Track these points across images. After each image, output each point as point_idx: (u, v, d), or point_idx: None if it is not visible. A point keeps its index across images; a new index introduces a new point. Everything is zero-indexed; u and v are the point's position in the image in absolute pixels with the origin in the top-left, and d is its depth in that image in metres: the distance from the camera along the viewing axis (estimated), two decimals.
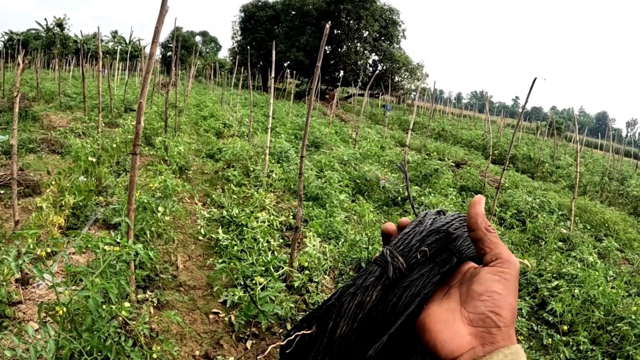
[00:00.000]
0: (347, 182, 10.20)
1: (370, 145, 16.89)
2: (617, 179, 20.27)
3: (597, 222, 11.89)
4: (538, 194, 12.82)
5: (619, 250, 9.87)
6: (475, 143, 25.66)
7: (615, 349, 5.49)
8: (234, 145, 11.96)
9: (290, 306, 5.18)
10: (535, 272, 7.26)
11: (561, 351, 5.16)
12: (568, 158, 24.98)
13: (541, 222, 9.79)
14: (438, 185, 11.72)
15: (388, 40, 50.53)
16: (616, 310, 5.99)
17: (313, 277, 5.76)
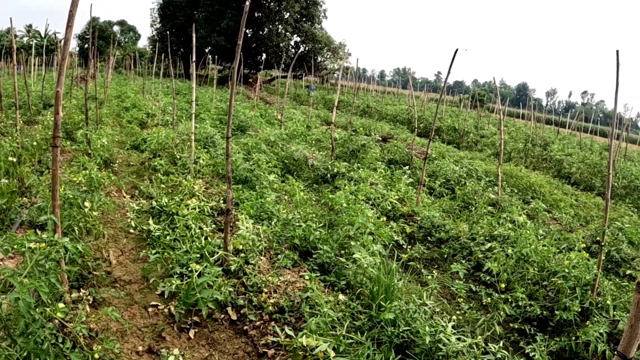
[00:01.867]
0: (275, 163, 10.17)
1: (296, 126, 16.89)
2: (540, 144, 21.03)
3: (523, 186, 12.35)
4: (465, 163, 13.18)
5: (546, 211, 10.26)
6: (400, 118, 26.11)
7: (552, 302, 5.71)
8: (159, 134, 11.74)
9: (229, 290, 5.13)
10: (469, 237, 7.46)
11: (501, 308, 5.32)
12: (491, 127, 25.76)
13: (470, 189, 10.06)
14: (366, 160, 11.84)
15: (309, 21, 50.59)
16: (549, 266, 6.23)
17: (249, 259, 5.72)
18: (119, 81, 34.64)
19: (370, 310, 4.79)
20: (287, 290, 5.25)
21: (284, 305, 4.95)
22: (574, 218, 10.35)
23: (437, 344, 4.23)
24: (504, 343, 5.05)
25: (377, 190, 8.99)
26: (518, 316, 5.52)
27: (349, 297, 5.14)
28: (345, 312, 4.77)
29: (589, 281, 5.84)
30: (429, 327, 4.32)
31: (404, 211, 8.53)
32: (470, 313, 5.36)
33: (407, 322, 4.47)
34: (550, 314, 5.57)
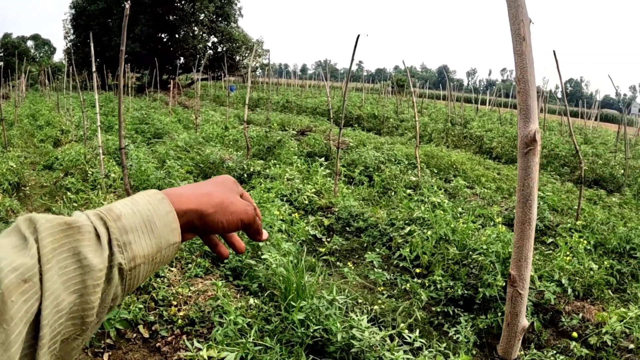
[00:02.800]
0: (189, 169, 9.82)
1: (212, 128, 16.52)
2: (460, 123, 21.30)
3: (445, 165, 12.37)
4: (385, 149, 13.10)
5: (468, 188, 10.27)
6: (320, 110, 26.05)
7: (475, 279, 5.59)
8: (70, 151, 11.20)
9: (139, 307, 4.78)
10: (387, 223, 7.30)
11: (419, 294, 5.16)
12: (411, 111, 25.89)
13: (388, 174, 9.94)
14: (283, 155, 11.60)
15: (225, 20, 50.13)
16: (470, 243, 6.13)
17: (159, 272, 5.37)
18: (34, 99, 33.34)
19: (282, 312, 4.54)
20: (197, 301, 4.96)
21: (194, 316, 4.67)
22: (497, 192, 10.39)
23: (351, 340, 4.01)
24: (427, 328, 4.91)
25: (292, 185, 8.75)
26: (440, 298, 5.38)
27: (261, 300, 4.89)
28: (256, 317, 4.52)
29: (510, 254, 5.75)
30: (340, 324, 4.10)
31: (321, 203, 8.32)
32: (390, 302, 5.18)
33: (319, 321, 4.23)
34: (474, 292, 5.46)
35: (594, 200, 10.85)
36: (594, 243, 7.03)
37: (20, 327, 0.53)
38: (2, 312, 0.52)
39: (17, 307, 0.53)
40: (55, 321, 0.57)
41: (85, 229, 0.64)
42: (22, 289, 0.54)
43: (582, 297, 5.77)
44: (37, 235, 0.60)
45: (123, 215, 0.69)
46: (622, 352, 4.75)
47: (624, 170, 13.57)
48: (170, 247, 0.74)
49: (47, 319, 0.56)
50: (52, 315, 0.56)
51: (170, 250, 0.75)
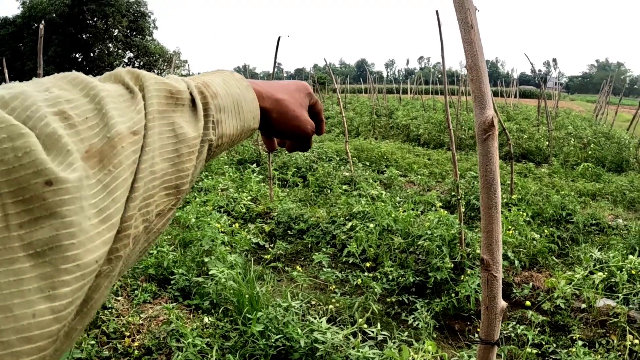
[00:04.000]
0: None
1: None
2: (385, 114, 21.57)
3: (375, 157, 12.50)
4: (315, 147, 13.11)
5: (402, 176, 10.41)
6: None
7: (424, 265, 5.66)
8: None
9: (90, 344, 4.59)
10: (328, 221, 7.30)
11: (372, 287, 5.17)
12: (336, 107, 26.07)
13: (322, 172, 9.96)
14: (213, 166, 11.46)
15: (140, 34, 49.40)
16: (413, 230, 6.20)
17: (105, 304, 5.18)
18: None
19: (239, 326, 4.46)
20: (150, 328, 4.80)
21: (149, 345, 4.51)
22: (430, 177, 10.58)
23: (314, 343, 3.98)
24: (385, 320, 4.92)
25: (228, 195, 8.64)
26: (393, 288, 5.41)
27: (216, 317, 4.78)
28: (214, 335, 4.42)
29: (455, 235, 5.85)
30: (301, 329, 4.06)
31: (259, 210, 8.24)
32: (345, 299, 5.18)
33: (279, 329, 4.18)
34: (425, 277, 5.52)
35: (524, 174, 11.21)
36: (531, 214, 7.25)
37: (127, 175, 0.54)
38: (112, 155, 0.53)
39: (126, 154, 0.54)
40: (150, 181, 0.58)
41: (185, 100, 0.67)
42: (131, 139, 0.56)
43: (529, 267, 5.95)
44: (145, 94, 0.62)
45: (219, 95, 0.73)
46: (576, 312, 4.93)
47: (548, 142, 14.08)
48: (248, 132, 0.81)
49: (143, 174, 0.56)
50: (147, 174, 0.57)
51: (246, 135, 0.81)
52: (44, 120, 0.48)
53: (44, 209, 0.44)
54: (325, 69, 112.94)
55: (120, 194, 0.53)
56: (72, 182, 0.46)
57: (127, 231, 0.54)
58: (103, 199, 0.50)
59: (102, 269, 0.51)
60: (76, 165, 0.48)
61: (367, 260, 5.92)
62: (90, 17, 44.79)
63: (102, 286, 0.52)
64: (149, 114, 0.60)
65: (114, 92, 0.60)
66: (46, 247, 0.44)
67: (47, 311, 0.44)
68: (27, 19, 45.92)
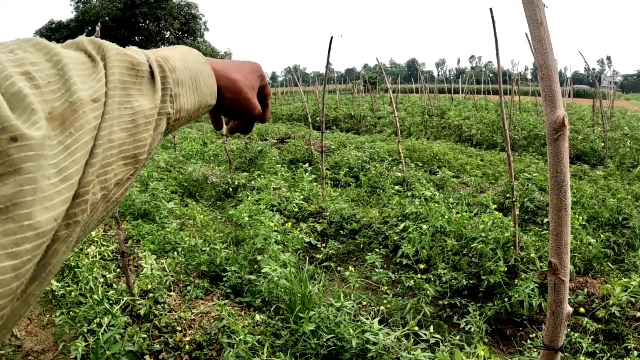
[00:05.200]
0: (173, 189, 9.65)
1: (191, 145, 16.38)
2: (437, 114, 21.35)
3: (427, 157, 12.36)
4: (366, 147, 13.07)
5: (454, 177, 10.27)
6: (296, 115, 25.97)
7: (477, 268, 5.57)
8: None
9: (142, 337, 4.67)
10: (381, 221, 7.25)
11: (425, 289, 5.10)
12: (387, 107, 25.93)
13: (374, 172, 9.90)
14: (266, 165, 11.52)
15: (191, 35, 50.08)
16: (466, 232, 6.10)
17: (158, 299, 5.25)
18: None
19: (290, 325, 4.47)
20: (202, 323, 4.86)
21: (201, 340, 4.56)
22: (483, 178, 10.41)
23: (366, 344, 3.95)
24: (437, 322, 4.86)
25: (280, 194, 8.67)
26: (446, 291, 5.34)
27: (267, 315, 4.80)
28: (265, 333, 4.43)
29: (509, 238, 5.74)
30: (353, 329, 4.03)
31: (311, 210, 8.24)
32: (397, 300, 5.13)
33: (330, 329, 4.17)
34: (478, 280, 5.43)
35: (579, 176, 10.90)
36: (586, 218, 7.04)
37: (87, 138, 0.55)
38: (73, 119, 0.54)
39: (87, 119, 0.55)
40: (108, 149, 0.59)
41: (145, 72, 0.67)
42: (92, 106, 0.57)
43: (584, 273, 5.78)
44: (107, 63, 0.62)
45: (177, 69, 0.74)
46: (631, 321, 4.77)
47: (604, 143, 13.68)
48: (205, 108, 0.82)
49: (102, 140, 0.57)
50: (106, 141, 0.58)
51: (203, 111, 0.82)
52: (9, 80, 0.49)
53: (9, 165, 0.45)
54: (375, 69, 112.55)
55: (80, 156, 0.54)
56: (36, 140, 0.47)
57: (85, 196, 0.55)
58: (64, 159, 0.51)
59: (60, 234, 0.51)
60: (40, 124, 0.48)
61: (420, 261, 5.85)
62: (142, 19, 45.65)
63: (60, 251, 0.52)
64: (109, 83, 0.61)
65: (76, 59, 0.60)
66: (9, 203, 0.44)
67: (9, 268, 0.44)
68: (80, 22, 47.18)
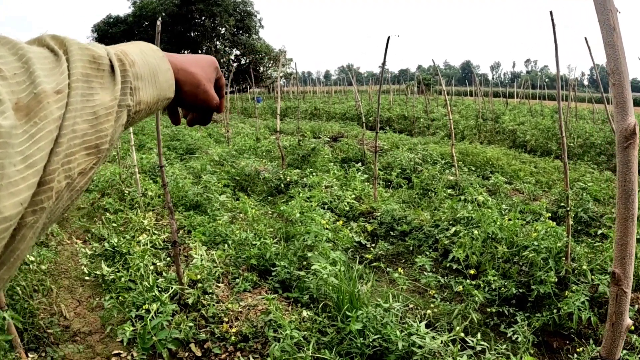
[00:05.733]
0: (225, 182, 9.77)
1: (244, 140, 16.54)
2: (491, 118, 21.04)
3: (480, 162, 12.20)
4: (419, 149, 12.98)
5: (507, 183, 10.12)
6: (349, 115, 25.97)
7: (527, 277, 5.47)
8: (105, 171, 11.27)
9: (189, 326, 4.77)
10: (432, 224, 7.20)
11: (474, 295, 5.05)
12: (441, 109, 25.70)
13: (426, 175, 9.83)
14: (318, 163, 11.55)
15: (246, 32, 50.37)
16: (518, 240, 6.00)
17: (206, 289, 5.35)
18: None
19: (337, 323, 4.48)
20: (249, 316, 4.91)
21: (247, 332, 4.62)
22: (536, 186, 10.23)
23: (412, 347, 3.94)
24: (484, 330, 4.81)
25: (332, 192, 8.69)
26: (494, 298, 5.27)
27: (314, 311, 4.82)
28: (311, 329, 4.46)
29: (561, 249, 5.62)
30: (399, 331, 4.03)
31: (362, 209, 8.24)
32: (444, 305, 5.09)
33: (377, 330, 4.17)
34: (527, 290, 5.33)
35: None
36: None
37: (52, 127, 0.57)
38: (38, 109, 0.55)
39: (51, 110, 0.57)
40: (72, 139, 0.60)
41: (105, 66, 0.68)
42: (56, 97, 0.59)
43: (636, 288, 5.62)
44: (69, 57, 0.64)
45: (137, 63, 0.76)
46: None
47: None
48: (164, 101, 0.84)
49: (66, 130, 0.59)
50: (70, 131, 0.60)
51: (162, 104, 0.84)
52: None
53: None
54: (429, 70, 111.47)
55: (45, 144, 0.55)
56: (4, 129, 0.48)
57: (50, 184, 0.56)
58: (29, 147, 0.52)
59: (27, 220, 0.53)
60: (7, 114, 0.50)
61: (470, 267, 5.79)
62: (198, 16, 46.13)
63: (27, 237, 0.54)
64: (72, 76, 0.62)
65: (40, 54, 0.62)
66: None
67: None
68: (137, 17, 48.13)
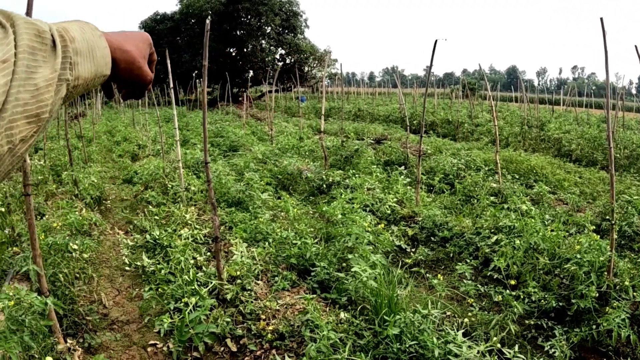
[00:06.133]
0: (268, 180, 9.83)
1: (287, 139, 16.62)
2: (536, 125, 20.70)
3: (524, 170, 12.00)
4: (462, 155, 12.85)
5: (551, 193, 9.94)
6: (393, 117, 25.87)
7: (568, 290, 5.37)
8: (149, 165, 11.47)
9: (226, 321, 4.83)
10: (473, 232, 7.13)
11: (514, 306, 4.98)
12: (485, 115, 25.36)
13: (469, 181, 9.73)
14: (361, 164, 11.54)
15: (292, 32, 50.35)
16: (560, 252, 5.89)
17: (245, 286, 5.41)
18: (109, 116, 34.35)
19: (374, 326, 4.48)
20: (286, 315, 4.95)
21: (283, 331, 4.65)
22: (580, 197, 10.02)
23: (448, 355, 3.91)
24: (521, 342, 4.75)
25: (374, 195, 8.68)
26: (533, 310, 5.18)
27: (352, 314, 4.82)
28: (348, 331, 4.46)
29: (604, 263, 5.50)
30: (436, 339, 4.01)
31: (404, 213, 8.21)
32: (482, 314, 5.04)
33: (414, 336, 4.15)
34: (567, 303, 5.23)
35: None
36: None
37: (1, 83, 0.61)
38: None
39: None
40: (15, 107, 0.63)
41: (48, 41, 0.71)
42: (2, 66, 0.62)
43: None
44: (16, 30, 0.67)
45: (76, 40, 0.78)
46: None
47: None
48: (100, 78, 0.85)
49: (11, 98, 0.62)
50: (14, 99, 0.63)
51: (99, 81, 0.86)
52: None
53: None
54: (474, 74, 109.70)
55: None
56: None
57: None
58: None
59: None
60: None
61: (510, 277, 5.71)
62: (245, 15, 46.25)
63: None
64: (19, 47, 0.65)
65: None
66: None
67: None
68: (184, 15, 48.55)
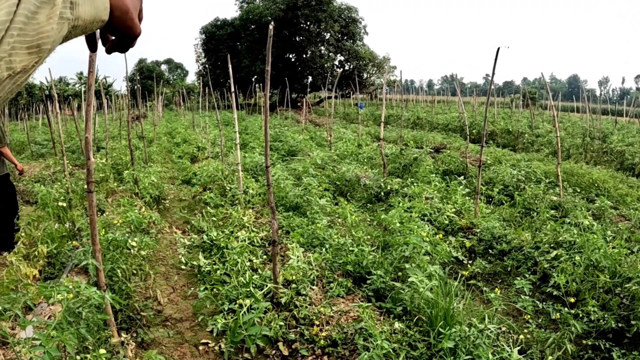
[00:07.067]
0: (326, 186, 9.83)
1: (346, 145, 16.61)
2: (599, 137, 20.08)
3: (585, 183, 11.62)
4: (522, 166, 12.55)
5: (613, 208, 9.58)
6: (452, 126, 25.49)
7: (627, 311, 5.16)
8: (208, 167, 11.65)
9: (279, 325, 4.85)
10: (532, 246, 6.94)
11: (572, 325, 4.82)
12: (546, 125, 24.75)
13: (530, 193, 9.49)
14: (419, 173, 11.42)
15: (351, 39, 50.36)
16: (621, 270, 5.66)
17: (300, 290, 5.41)
18: (169, 118, 35.15)
19: (428, 338, 4.41)
20: (340, 322, 4.92)
21: (336, 337, 4.64)
22: None
23: None
24: None
25: (432, 204, 8.58)
26: (591, 330, 5.00)
27: (406, 324, 4.76)
28: (402, 342, 4.40)
29: None
30: (492, 354, 3.92)
31: (462, 224, 8.08)
32: (539, 332, 4.91)
33: (469, 350, 4.07)
34: (626, 324, 5.01)
35: None
36: None
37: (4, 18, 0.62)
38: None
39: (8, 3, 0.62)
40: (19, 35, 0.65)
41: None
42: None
43: None
44: None
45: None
46: None
47: None
48: (98, 23, 0.85)
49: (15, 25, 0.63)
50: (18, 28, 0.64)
51: (97, 25, 0.86)
52: None
53: None
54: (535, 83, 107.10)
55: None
56: None
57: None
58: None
59: None
60: None
61: (569, 294, 5.54)
62: (304, 21, 46.49)
63: None
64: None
65: None
66: None
67: None
68: (244, 21, 49.28)
